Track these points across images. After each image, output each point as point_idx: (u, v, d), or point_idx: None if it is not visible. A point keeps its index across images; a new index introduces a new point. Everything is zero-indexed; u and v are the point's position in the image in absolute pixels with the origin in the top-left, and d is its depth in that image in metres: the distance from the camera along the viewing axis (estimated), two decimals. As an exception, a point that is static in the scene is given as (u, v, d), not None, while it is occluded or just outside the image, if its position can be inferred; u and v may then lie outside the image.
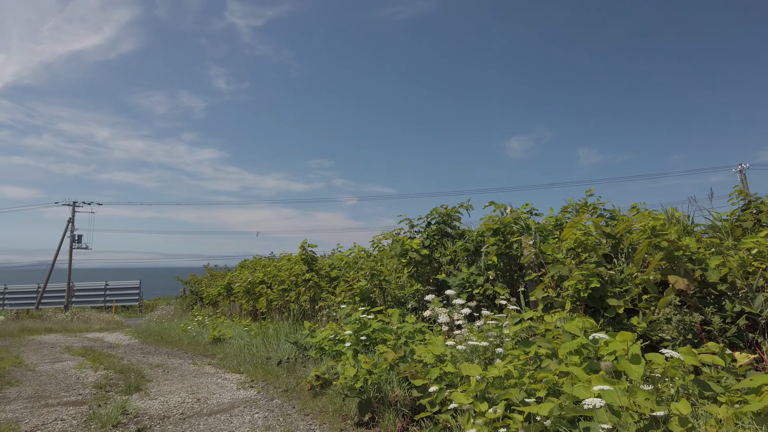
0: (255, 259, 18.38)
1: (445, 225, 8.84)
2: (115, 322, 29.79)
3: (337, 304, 10.63)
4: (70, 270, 39.13)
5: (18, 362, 10.78)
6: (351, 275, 10.72)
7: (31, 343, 16.05)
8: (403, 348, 5.16)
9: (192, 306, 22.40)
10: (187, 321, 15.67)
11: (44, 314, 30.87)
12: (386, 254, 10.53)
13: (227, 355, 10.30)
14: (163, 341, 14.33)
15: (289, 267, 13.15)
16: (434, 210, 8.86)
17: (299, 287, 12.52)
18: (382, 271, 8.88)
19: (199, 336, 13.29)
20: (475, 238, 8.13)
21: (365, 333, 6.48)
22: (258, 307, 14.15)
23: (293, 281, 12.62)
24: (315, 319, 11.87)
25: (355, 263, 9.89)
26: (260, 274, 14.27)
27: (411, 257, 7.94)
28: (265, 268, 14.74)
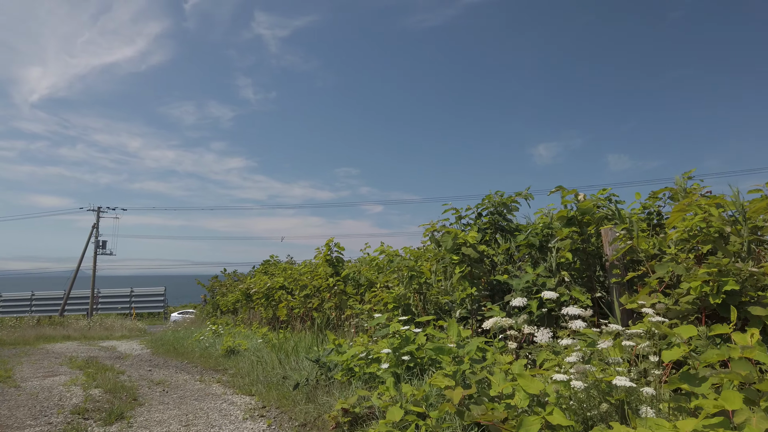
0: (273, 260, 16.76)
1: (499, 216, 7.10)
2: (138, 330, 28.57)
3: (367, 313, 8.97)
4: (94, 276, 38.23)
5: (6, 377, 9.33)
6: (381, 280, 9.04)
7: (39, 352, 14.70)
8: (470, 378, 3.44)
9: (212, 313, 20.95)
10: (202, 330, 14.15)
11: (66, 321, 29.80)
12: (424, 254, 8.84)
13: (239, 370, 8.69)
14: (174, 352, 12.82)
15: (311, 270, 11.54)
16: (487, 198, 7.14)
17: (323, 293, 10.88)
18: (423, 273, 7.17)
19: (212, 347, 11.73)
20: (541, 231, 6.39)
21: (407, 350, 4.79)
22: (278, 315, 12.55)
23: (316, 286, 11.00)
24: (341, 329, 10.23)
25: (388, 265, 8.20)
26: (280, 279, 12.69)
27: (465, 254, 6.22)
28: (285, 272, 13.15)
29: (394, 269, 7.55)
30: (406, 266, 7.11)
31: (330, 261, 10.70)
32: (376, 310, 8.47)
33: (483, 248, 6.44)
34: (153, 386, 8.10)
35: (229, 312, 18.60)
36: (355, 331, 9.64)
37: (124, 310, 40.76)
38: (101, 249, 37.68)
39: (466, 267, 6.34)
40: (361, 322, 8.97)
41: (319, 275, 10.94)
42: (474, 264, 6.38)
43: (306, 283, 11.17)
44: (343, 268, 10.81)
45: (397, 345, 4.87)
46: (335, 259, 10.77)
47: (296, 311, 11.80)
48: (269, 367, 7.93)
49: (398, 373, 4.69)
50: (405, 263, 7.18)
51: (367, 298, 9.86)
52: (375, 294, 8.85)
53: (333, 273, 10.55)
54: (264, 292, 12.89)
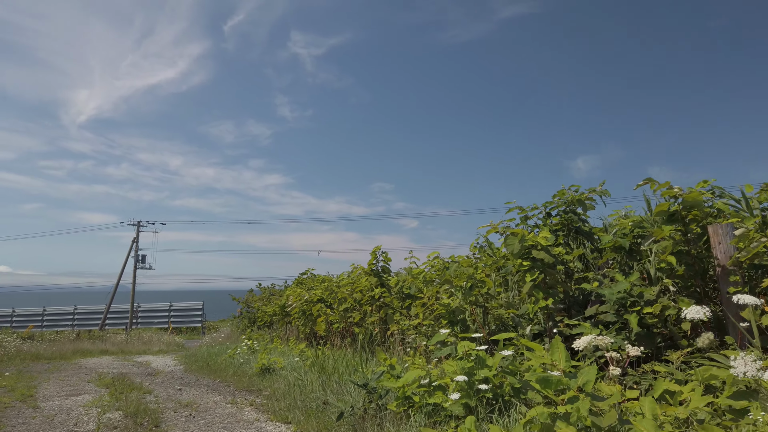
0: (309, 272, 15.83)
1: (574, 216, 6.01)
2: (175, 344, 28.05)
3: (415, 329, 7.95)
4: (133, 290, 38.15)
5: (28, 395, 8.61)
6: (431, 291, 8.01)
7: (71, 367, 14.10)
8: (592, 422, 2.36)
9: (248, 327, 20.18)
10: (236, 345, 13.32)
11: (105, 335, 29.55)
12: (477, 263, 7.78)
13: (275, 392, 7.75)
14: (207, 369, 11.99)
15: (351, 282, 10.58)
16: (558, 194, 6.07)
17: (365, 306, 9.90)
18: (485, 282, 6.11)
19: (246, 364, 10.84)
20: (630, 231, 5.29)
21: (482, 376, 3.75)
22: (316, 330, 11.61)
23: (357, 299, 10.02)
24: (385, 345, 9.21)
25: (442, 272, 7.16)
26: (318, 291, 11.75)
27: (536, 258, 5.15)
28: (323, 284, 12.21)
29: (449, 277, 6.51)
30: (466, 274, 6.06)
31: (375, 271, 9.71)
32: (425, 325, 7.44)
33: (559, 251, 5.35)
34: (179, 409, 7.22)
35: (265, 326, 17.80)
36: (402, 348, 8.61)
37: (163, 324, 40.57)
38: (141, 263, 37.59)
39: (538, 274, 5.27)
40: (407, 338, 7.94)
41: (360, 287, 9.97)
42: (547, 270, 5.30)
43: (345, 295, 10.21)
44: (389, 279, 9.82)
45: (468, 368, 3.83)
46: (381, 269, 9.78)
47: (336, 326, 10.83)
48: (308, 390, 6.96)
49: (470, 406, 3.65)
50: (464, 271, 6.13)
51: (413, 312, 8.84)
52: (425, 306, 7.82)
53: (378, 284, 9.56)
54: (301, 305, 11.98)
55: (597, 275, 5.29)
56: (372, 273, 9.72)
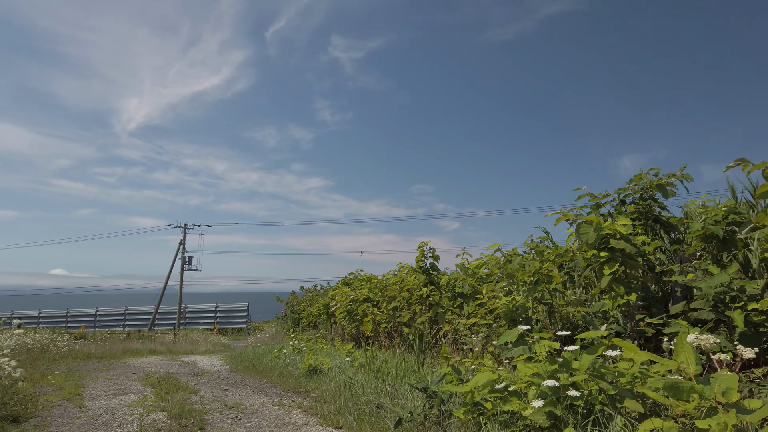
0: (357, 273, 15.43)
1: (653, 202, 5.38)
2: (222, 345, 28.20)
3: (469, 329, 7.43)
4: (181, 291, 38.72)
5: (75, 394, 8.47)
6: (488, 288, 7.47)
7: (120, 366, 14.11)
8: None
9: (292, 328, 19.98)
10: (282, 346, 13.03)
11: (154, 335, 29.98)
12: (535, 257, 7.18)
13: (323, 394, 7.35)
14: (253, 369, 11.72)
15: (399, 280, 10.11)
16: (635, 179, 5.44)
17: (414, 306, 9.41)
18: (553, 277, 5.53)
19: (292, 365, 10.50)
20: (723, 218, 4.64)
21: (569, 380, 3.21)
22: (362, 331, 11.19)
23: (406, 298, 9.54)
24: (436, 347, 8.70)
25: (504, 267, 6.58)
26: (365, 291, 11.33)
27: (615, 249, 4.56)
28: (370, 283, 11.78)
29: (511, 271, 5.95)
30: (532, 268, 5.49)
31: (423, 269, 9.22)
32: (483, 325, 6.90)
33: (643, 239, 4.74)
34: (225, 411, 6.89)
35: (310, 326, 17.53)
36: (455, 350, 8.09)
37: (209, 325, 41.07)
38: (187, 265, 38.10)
39: (617, 266, 4.67)
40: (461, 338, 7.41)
41: (408, 285, 9.48)
42: (628, 262, 4.69)
43: (394, 294, 9.74)
44: (438, 277, 9.30)
45: (551, 372, 3.30)
46: (430, 267, 9.27)
47: (383, 326, 10.38)
48: (359, 392, 6.51)
49: (558, 416, 3.12)
50: (529, 264, 5.56)
51: (466, 311, 8.30)
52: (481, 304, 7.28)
53: (427, 282, 9.07)
54: (346, 305, 11.59)
55: (686, 267, 4.67)
56: (420, 270, 9.23)
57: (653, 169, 5.35)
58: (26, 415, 6.40)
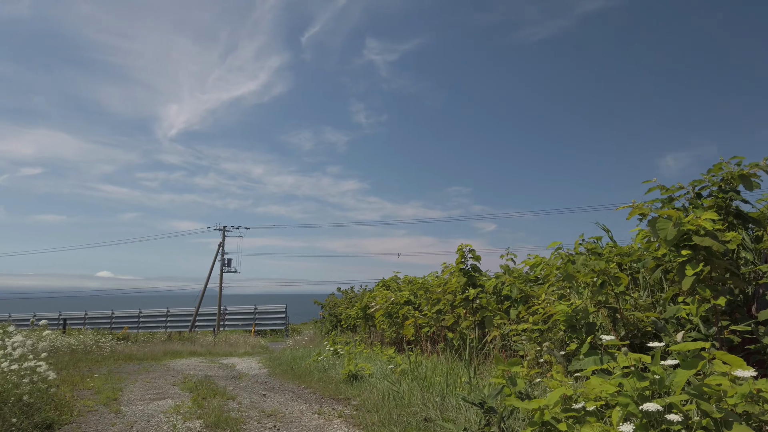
0: (395, 275, 14.93)
1: (735, 194, 4.75)
2: (260, 347, 28.18)
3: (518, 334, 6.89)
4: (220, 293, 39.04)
5: (113, 398, 8.28)
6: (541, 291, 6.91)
7: (160, 368, 14.02)
8: None
9: (330, 331, 19.67)
10: (320, 349, 12.67)
11: (194, 337, 30.19)
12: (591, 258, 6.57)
13: (365, 402, 6.93)
14: (292, 373, 11.40)
15: (442, 282, 9.61)
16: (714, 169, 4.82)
17: (458, 309, 8.90)
18: (620, 279, 4.95)
19: (332, 369, 10.12)
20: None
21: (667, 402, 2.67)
22: (404, 334, 10.73)
23: (450, 300, 9.04)
24: (483, 353, 8.18)
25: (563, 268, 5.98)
26: (405, 293, 10.87)
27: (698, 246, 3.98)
28: (411, 285, 11.31)
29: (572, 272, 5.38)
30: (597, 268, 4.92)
31: (464, 271, 8.70)
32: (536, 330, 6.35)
33: (733, 236, 4.14)
34: (263, 419, 6.53)
35: (348, 329, 17.16)
36: (505, 356, 7.55)
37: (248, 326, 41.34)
38: (227, 267, 38.44)
39: (702, 266, 4.07)
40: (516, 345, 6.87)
41: (452, 288, 8.98)
42: (714, 261, 4.09)
43: (438, 296, 9.25)
44: (479, 279, 8.77)
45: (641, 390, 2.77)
46: (471, 268, 8.75)
47: (425, 330, 9.90)
48: (405, 402, 6.05)
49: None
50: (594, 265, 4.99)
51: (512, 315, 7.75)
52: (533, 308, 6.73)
53: (468, 284, 8.54)
54: (387, 307, 11.15)
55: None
56: (461, 272, 8.71)
57: (735, 158, 4.72)
58: (61, 422, 6.17)
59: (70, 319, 43.41)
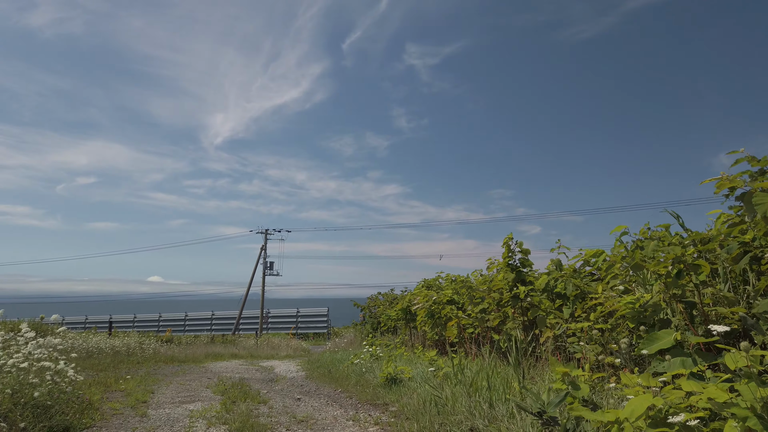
0: (439, 276, 14.19)
1: None
2: (302, 349, 27.89)
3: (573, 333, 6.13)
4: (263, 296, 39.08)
5: (142, 400, 7.90)
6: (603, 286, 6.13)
7: (198, 371, 13.75)
8: None
9: (370, 333, 19.09)
10: (358, 352, 12.10)
11: (237, 339, 30.15)
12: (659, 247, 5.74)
13: (404, 408, 6.29)
14: (329, 376, 10.86)
15: (487, 280, 8.89)
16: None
17: (505, 308, 8.16)
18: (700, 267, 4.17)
19: (369, 373, 9.51)
20: None
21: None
22: (446, 336, 10.03)
23: (496, 299, 8.31)
24: (533, 355, 7.42)
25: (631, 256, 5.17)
26: (448, 291, 10.17)
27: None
28: (454, 284, 10.60)
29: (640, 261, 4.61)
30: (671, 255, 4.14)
31: (512, 266, 7.95)
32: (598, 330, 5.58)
33: None
34: (293, 426, 5.98)
35: (388, 332, 16.55)
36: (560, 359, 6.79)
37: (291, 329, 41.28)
38: (269, 270, 38.47)
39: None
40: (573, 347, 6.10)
41: (498, 285, 8.25)
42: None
43: (482, 295, 8.53)
44: (529, 275, 8.01)
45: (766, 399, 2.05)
46: (520, 263, 7.99)
47: (469, 331, 9.18)
48: (448, 410, 5.39)
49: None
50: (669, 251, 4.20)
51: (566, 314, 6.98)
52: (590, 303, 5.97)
53: (516, 281, 7.79)
54: (428, 307, 10.47)
55: None
56: (508, 268, 7.96)
57: None
58: (79, 426, 5.77)
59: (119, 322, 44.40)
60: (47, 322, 21.03)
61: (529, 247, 8.07)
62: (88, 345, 18.89)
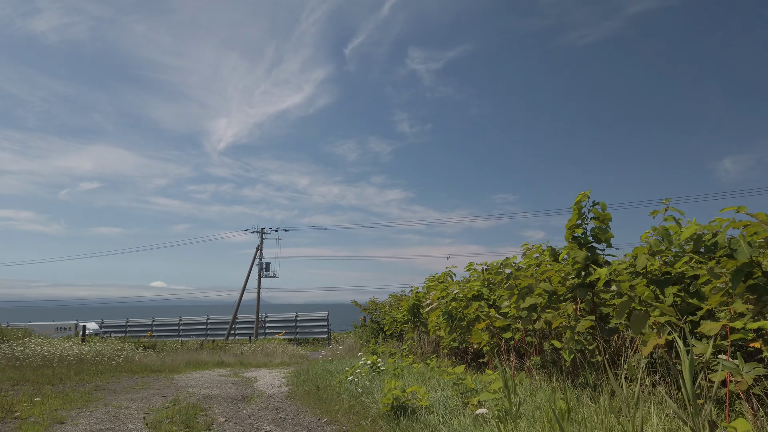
0: (448, 270, 11.34)
1: None
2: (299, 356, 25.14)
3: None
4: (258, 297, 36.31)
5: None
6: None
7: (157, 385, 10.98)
8: None
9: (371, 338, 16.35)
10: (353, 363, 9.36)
11: (229, 345, 27.41)
12: None
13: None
14: (316, 395, 8.13)
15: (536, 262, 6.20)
16: None
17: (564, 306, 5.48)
18: None
19: (367, 393, 6.77)
20: None
21: None
22: (471, 343, 7.32)
23: (548, 291, 5.60)
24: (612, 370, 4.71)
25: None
26: (476, 284, 7.46)
27: None
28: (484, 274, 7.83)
29: None
30: None
31: (581, 239, 5.24)
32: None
33: None
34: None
35: (393, 337, 13.83)
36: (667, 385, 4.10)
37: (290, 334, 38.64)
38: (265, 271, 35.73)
39: None
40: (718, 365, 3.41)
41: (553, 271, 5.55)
42: None
43: (529, 284, 5.80)
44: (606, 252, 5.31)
45: None
46: (592, 235, 5.28)
47: (507, 336, 6.44)
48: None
49: None
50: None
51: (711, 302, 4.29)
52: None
53: (587, 262, 5.09)
54: (446, 304, 7.73)
55: None
56: (574, 242, 5.26)
57: None
58: None
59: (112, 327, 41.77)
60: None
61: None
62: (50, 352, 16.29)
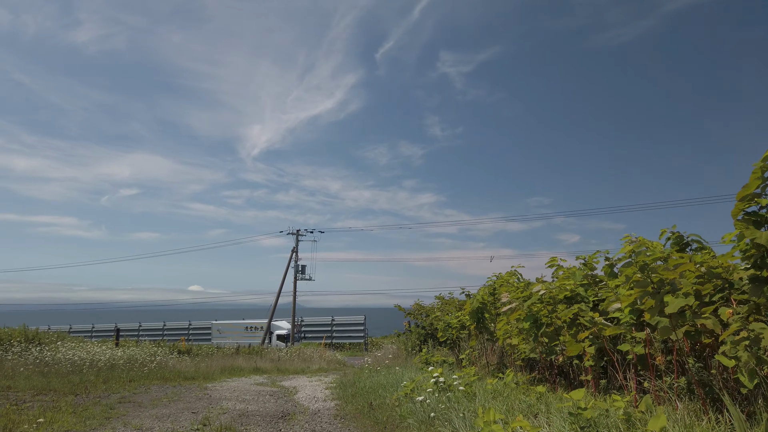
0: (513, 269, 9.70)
1: None
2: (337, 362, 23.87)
3: None
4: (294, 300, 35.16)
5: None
6: None
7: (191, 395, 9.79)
8: None
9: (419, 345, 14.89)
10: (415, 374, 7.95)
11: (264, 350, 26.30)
12: None
13: None
14: (370, 415, 6.74)
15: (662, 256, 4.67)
16: None
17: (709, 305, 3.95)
18: None
19: (442, 422, 5.33)
20: None
21: None
22: (567, 355, 5.81)
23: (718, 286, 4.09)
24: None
25: None
26: (570, 282, 5.95)
27: None
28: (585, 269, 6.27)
29: None
30: None
31: (758, 216, 3.74)
32: None
33: None
34: None
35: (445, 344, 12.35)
36: None
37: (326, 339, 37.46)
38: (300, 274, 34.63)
39: None
40: None
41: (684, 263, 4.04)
42: None
43: (669, 277, 4.27)
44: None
45: None
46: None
47: (624, 349, 4.92)
48: None
49: None
50: None
51: None
52: None
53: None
54: (531, 307, 6.23)
55: None
56: (752, 219, 3.74)
57: None
58: None
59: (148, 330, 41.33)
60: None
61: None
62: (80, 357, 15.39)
